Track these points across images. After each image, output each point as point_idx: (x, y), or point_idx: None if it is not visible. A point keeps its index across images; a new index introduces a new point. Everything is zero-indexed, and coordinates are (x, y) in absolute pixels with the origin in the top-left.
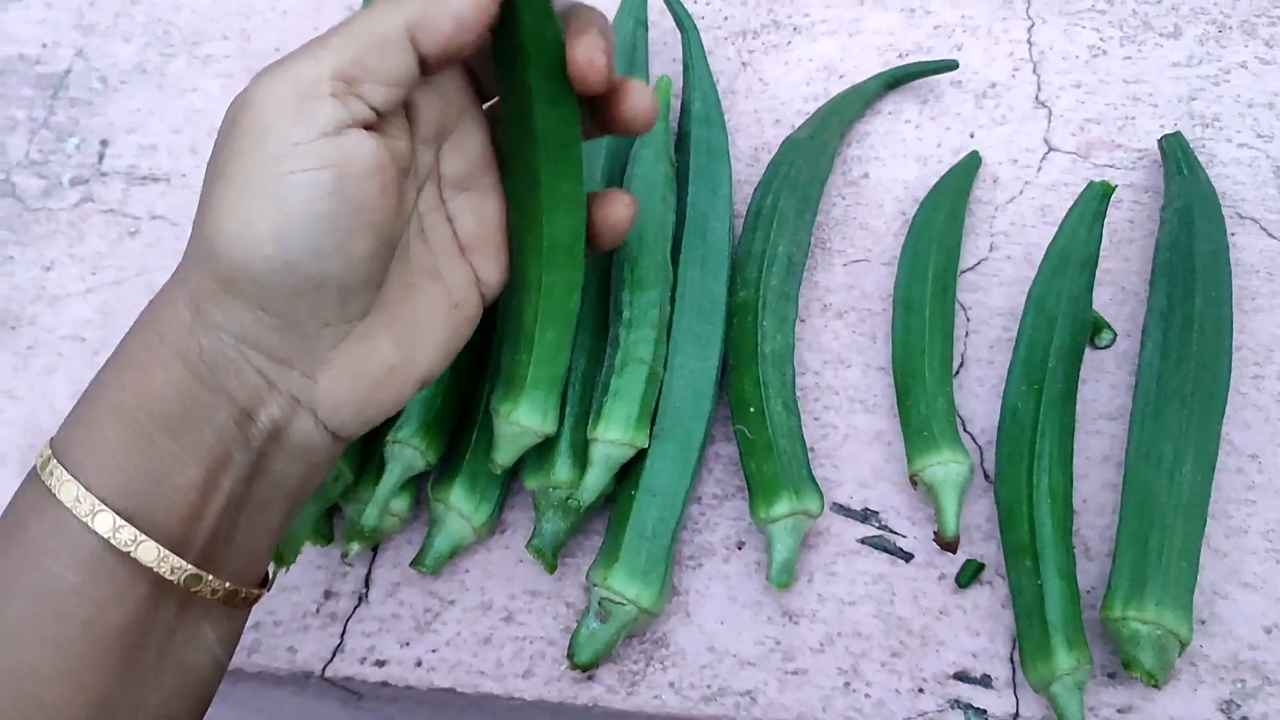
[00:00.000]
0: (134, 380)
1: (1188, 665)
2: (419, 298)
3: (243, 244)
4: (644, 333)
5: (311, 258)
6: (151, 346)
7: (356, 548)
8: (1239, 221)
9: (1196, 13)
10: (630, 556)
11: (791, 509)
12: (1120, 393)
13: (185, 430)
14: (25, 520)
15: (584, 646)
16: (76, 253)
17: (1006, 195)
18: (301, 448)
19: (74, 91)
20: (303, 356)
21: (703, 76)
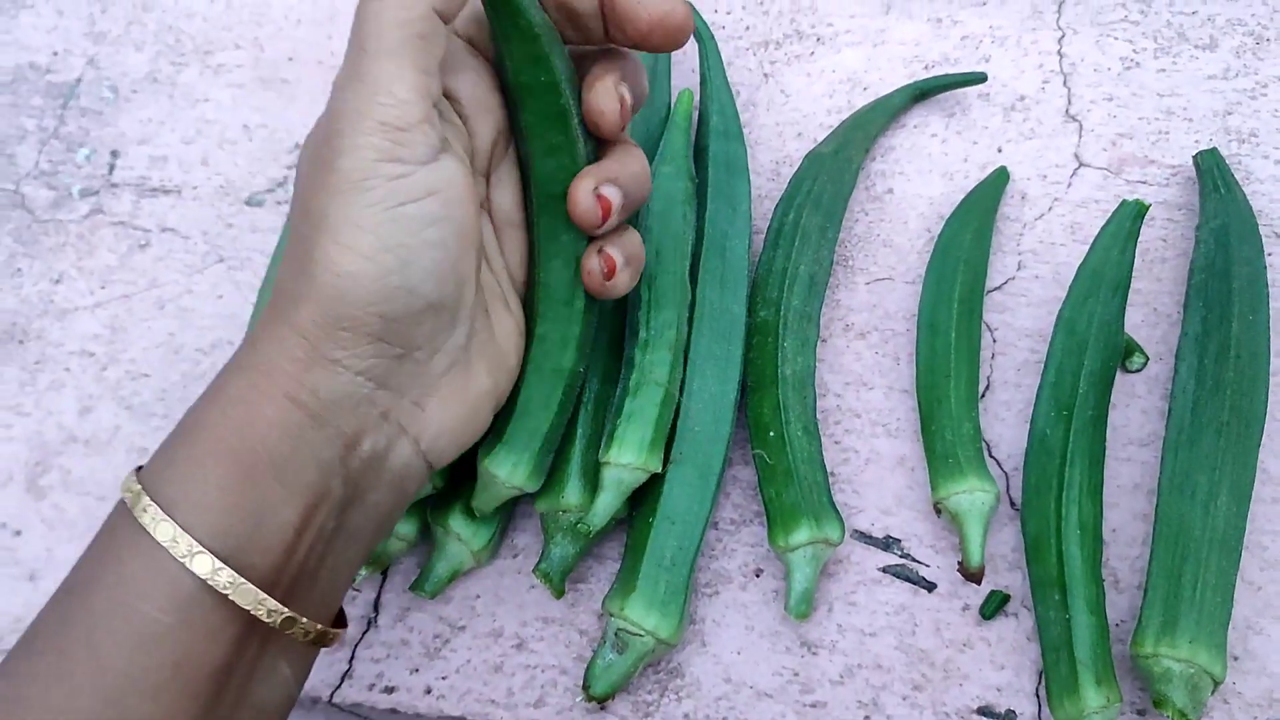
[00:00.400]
0: (238, 419)
1: (1220, 703)
2: (496, 324)
3: (367, 279)
4: (660, 354)
5: (432, 282)
6: (258, 385)
7: (364, 572)
8: (1277, 241)
9: (1233, 24)
10: (648, 586)
11: (811, 537)
12: (1152, 418)
13: (289, 468)
14: (119, 557)
15: (600, 678)
16: (86, 265)
17: (1035, 212)
18: (398, 476)
19: (85, 101)
20: (415, 384)
21: (720, 89)
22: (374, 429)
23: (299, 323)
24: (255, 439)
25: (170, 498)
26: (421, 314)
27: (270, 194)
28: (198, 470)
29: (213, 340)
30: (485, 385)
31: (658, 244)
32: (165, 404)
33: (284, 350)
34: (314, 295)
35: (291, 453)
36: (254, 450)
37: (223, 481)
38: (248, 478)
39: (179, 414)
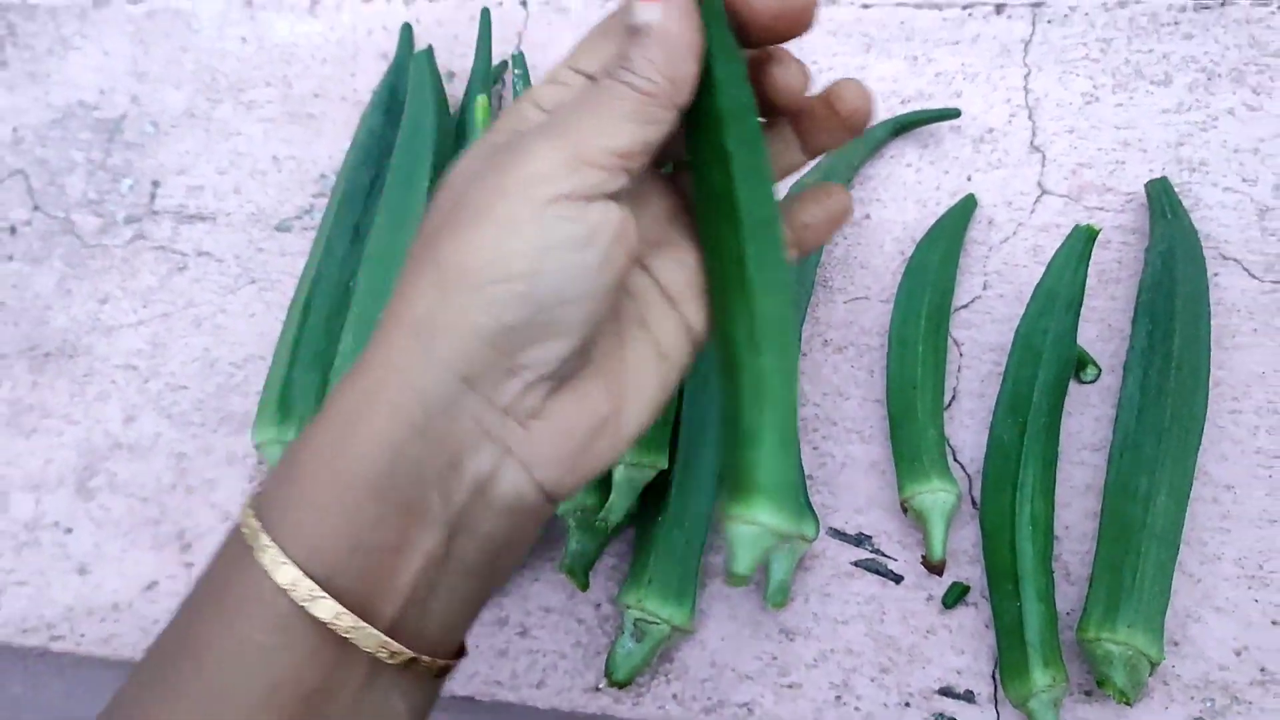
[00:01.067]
0: (339, 435)
1: (1160, 684)
2: (628, 349)
3: (494, 274)
4: None
5: (556, 302)
6: (366, 396)
7: None
8: (1222, 262)
9: (1187, 61)
10: (663, 579)
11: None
12: (1104, 425)
13: (387, 486)
14: (228, 577)
15: (621, 665)
16: (129, 287)
17: (1000, 236)
18: (509, 503)
19: (128, 135)
20: (519, 403)
21: None
22: (475, 446)
23: (413, 316)
24: (356, 456)
25: (276, 519)
26: (536, 330)
27: (298, 220)
28: (300, 492)
29: (245, 355)
30: (603, 410)
31: None
32: (202, 413)
33: (392, 351)
34: (435, 284)
35: (389, 468)
36: (355, 469)
37: (324, 504)
38: (348, 499)
39: (214, 422)
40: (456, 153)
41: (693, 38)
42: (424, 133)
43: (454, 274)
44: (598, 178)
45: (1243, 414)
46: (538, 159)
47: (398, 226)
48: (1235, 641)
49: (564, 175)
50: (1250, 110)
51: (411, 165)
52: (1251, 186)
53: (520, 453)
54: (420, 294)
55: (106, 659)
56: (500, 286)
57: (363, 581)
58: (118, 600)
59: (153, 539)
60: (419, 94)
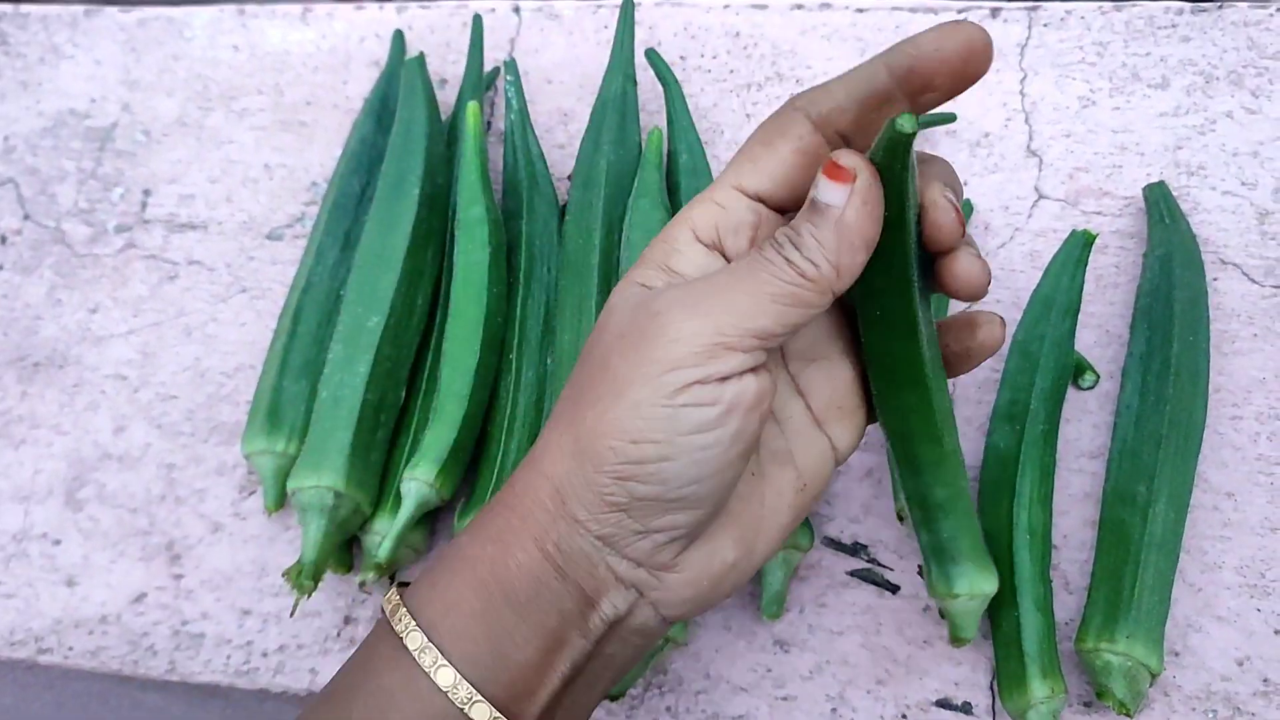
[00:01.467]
0: (492, 556)
1: (1161, 695)
2: (765, 490)
3: (625, 458)
4: None
5: (688, 484)
6: (513, 527)
7: (373, 577)
8: (1221, 266)
9: (1184, 64)
10: None
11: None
12: (1102, 432)
13: (532, 611)
14: (378, 667)
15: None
16: (120, 296)
17: (997, 241)
18: (637, 632)
19: (120, 144)
20: (653, 558)
21: (687, 129)
22: (612, 591)
23: (554, 474)
24: (504, 577)
25: (429, 619)
26: (668, 506)
27: (289, 229)
28: (454, 597)
29: (236, 364)
30: (732, 557)
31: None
32: (192, 423)
33: (537, 498)
34: (573, 452)
35: (534, 596)
36: (503, 588)
37: (475, 611)
38: (496, 611)
39: (205, 432)
40: (448, 160)
41: (871, 232)
42: (415, 140)
43: (589, 448)
44: (736, 361)
45: (1243, 420)
46: (678, 343)
47: (387, 232)
48: (1237, 651)
49: (701, 361)
50: (1249, 113)
51: (401, 173)
52: (1251, 190)
53: (652, 596)
54: (560, 457)
55: (94, 672)
56: (631, 468)
57: (508, 690)
58: (106, 613)
59: (141, 550)
60: (410, 101)
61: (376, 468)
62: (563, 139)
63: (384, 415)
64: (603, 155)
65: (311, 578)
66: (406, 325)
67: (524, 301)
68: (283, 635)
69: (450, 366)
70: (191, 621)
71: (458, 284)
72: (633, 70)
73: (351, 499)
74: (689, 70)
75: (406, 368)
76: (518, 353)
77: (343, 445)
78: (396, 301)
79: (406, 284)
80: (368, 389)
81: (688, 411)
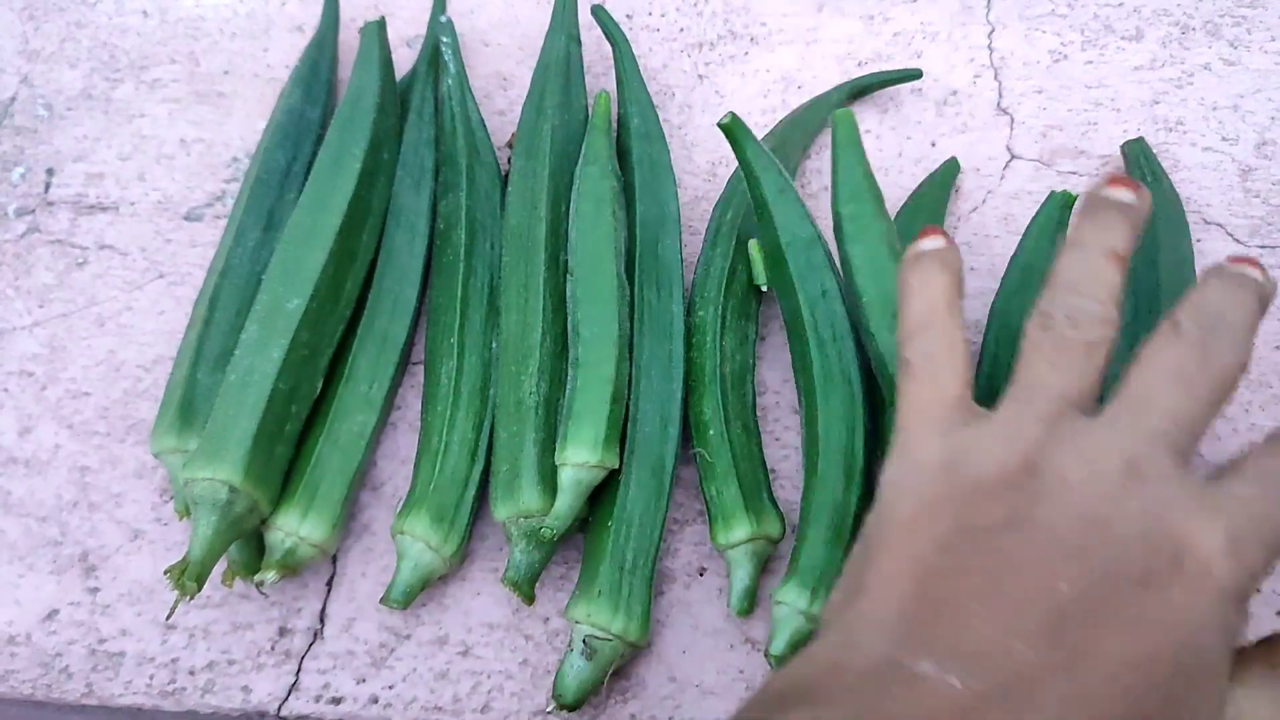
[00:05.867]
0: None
1: None
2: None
3: None
4: (605, 350)
5: None
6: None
7: (274, 577)
8: (1205, 227)
9: (1159, 14)
10: (612, 590)
11: (751, 534)
12: None
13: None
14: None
15: (570, 686)
16: (23, 285)
17: (969, 205)
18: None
19: (19, 119)
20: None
21: (638, 91)
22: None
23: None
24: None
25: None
26: None
27: (208, 208)
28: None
29: (154, 356)
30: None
31: (595, 243)
32: (107, 422)
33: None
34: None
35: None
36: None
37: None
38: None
39: (121, 431)
40: (399, 133)
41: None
42: (363, 111)
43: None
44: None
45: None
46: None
47: (319, 209)
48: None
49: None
50: (1227, 65)
51: (344, 144)
52: (1232, 146)
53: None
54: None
55: (3, 698)
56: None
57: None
58: (14, 633)
59: (53, 563)
60: (364, 67)
61: (281, 463)
62: (502, 105)
63: (296, 407)
64: (546, 121)
65: (195, 578)
66: (330, 311)
67: (466, 281)
68: (211, 651)
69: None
70: (110, 639)
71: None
72: (577, 31)
73: (249, 496)
74: (636, 29)
75: (327, 357)
76: (459, 335)
77: (244, 436)
78: (322, 284)
79: (334, 266)
80: (279, 377)
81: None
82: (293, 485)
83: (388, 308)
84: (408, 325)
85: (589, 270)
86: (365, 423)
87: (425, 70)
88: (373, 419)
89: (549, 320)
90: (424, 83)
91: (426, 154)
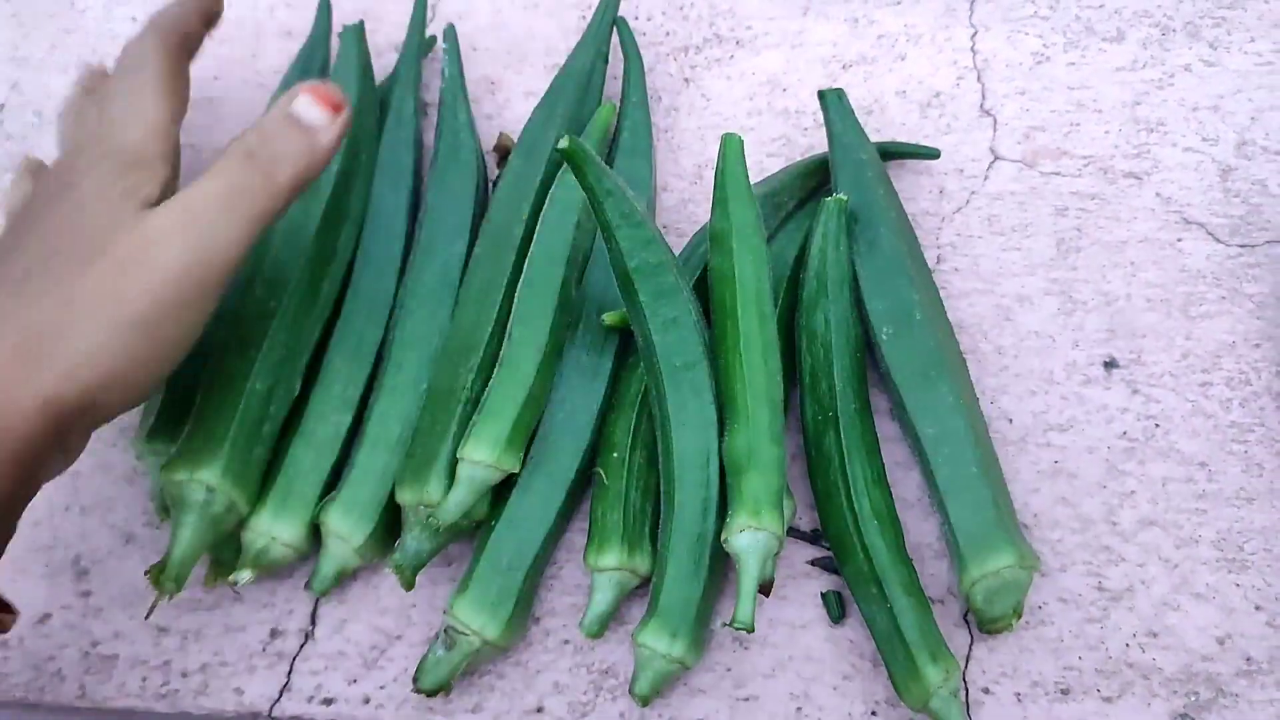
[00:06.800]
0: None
1: (1140, 679)
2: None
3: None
4: (527, 353)
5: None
6: None
7: (249, 576)
8: (1185, 226)
9: (1140, 16)
10: (480, 587)
11: (619, 564)
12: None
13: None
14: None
15: (429, 672)
16: None
17: (953, 206)
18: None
19: (9, 127)
20: None
21: (636, 106)
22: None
23: None
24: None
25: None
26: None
27: None
28: None
29: None
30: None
31: (546, 248)
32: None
33: None
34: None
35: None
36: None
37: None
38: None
39: (112, 435)
40: (377, 137)
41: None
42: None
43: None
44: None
45: (1213, 386)
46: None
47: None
48: (1217, 630)
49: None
50: (1208, 65)
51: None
52: (1212, 146)
53: None
54: None
55: None
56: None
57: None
58: (7, 636)
59: (45, 567)
60: (344, 73)
61: (260, 463)
62: (490, 109)
63: (274, 407)
64: (554, 128)
65: (175, 578)
66: (308, 312)
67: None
68: (204, 653)
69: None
70: (102, 642)
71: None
72: (607, 49)
73: (227, 496)
74: None
75: (305, 358)
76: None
77: (222, 437)
78: (299, 285)
79: (310, 268)
80: (257, 377)
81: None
82: (266, 486)
83: (364, 308)
84: (383, 326)
85: (536, 273)
86: (340, 424)
87: (405, 72)
88: (347, 420)
89: (502, 320)
90: (404, 85)
91: (405, 155)
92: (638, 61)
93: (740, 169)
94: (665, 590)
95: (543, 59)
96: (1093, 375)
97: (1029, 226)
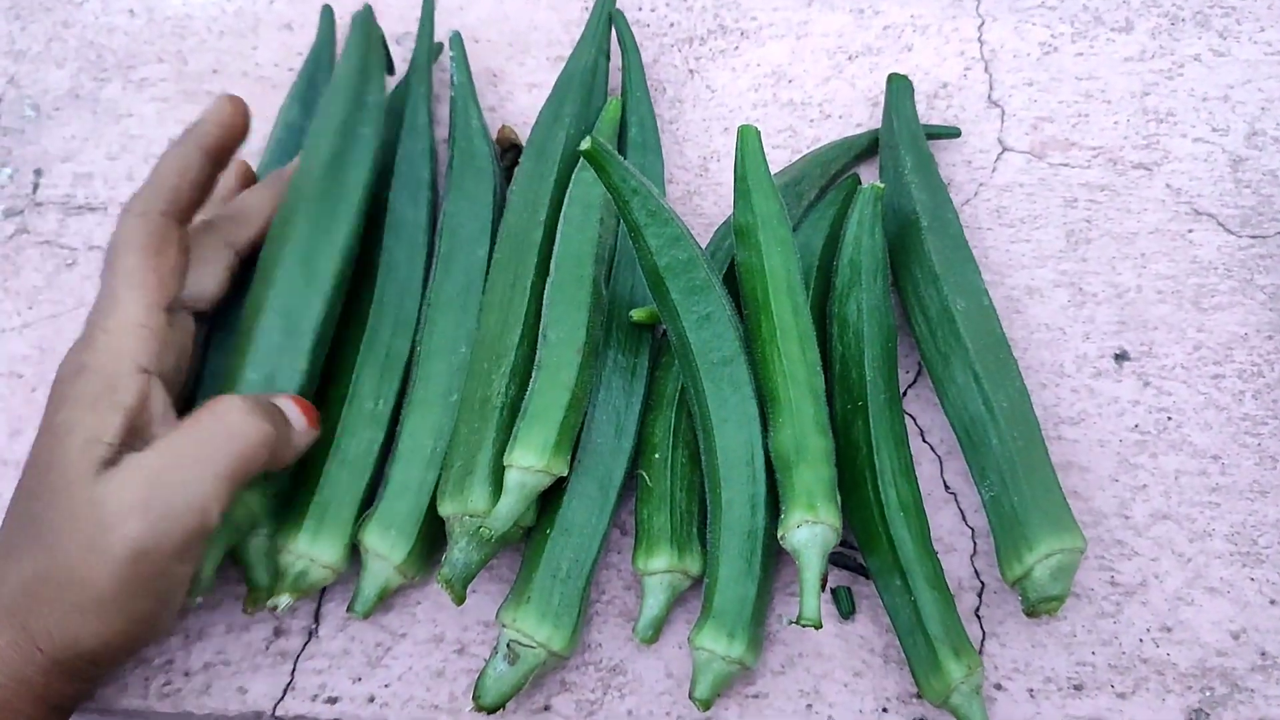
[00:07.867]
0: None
1: (1155, 674)
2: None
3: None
4: (568, 355)
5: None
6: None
7: (287, 600)
8: (1195, 218)
9: (1148, 5)
10: (542, 597)
11: (669, 566)
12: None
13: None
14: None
15: (490, 689)
16: (12, 286)
17: (962, 198)
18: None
19: (6, 120)
20: None
21: (640, 101)
22: None
23: None
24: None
25: None
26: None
27: None
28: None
29: None
30: None
31: (572, 248)
32: None
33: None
34: None
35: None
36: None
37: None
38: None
39: None
40: (393, 144)
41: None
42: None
43: None
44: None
45: (1225, 379)
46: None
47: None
48: (1232, 624)
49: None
50: (1217, 55)
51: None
52: (1222, 136)
53: None
54: None
55: None
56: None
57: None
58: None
59: None
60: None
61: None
62: (493, 101)
63: None
64: (562, 127)
65: (204, 589)
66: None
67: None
68: (207, 653)
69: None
70: None
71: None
72: (608, 45)
73: (244, 502)
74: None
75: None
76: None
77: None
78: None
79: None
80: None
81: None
82: (302, 507)
83: (390, 322)
84: (411, 339)
85: (565, 274)
86: (373, 440)
87: (416, 83)
88: (380, 436)
89: (530, 324)
90: (416, 96)
91: (422, 166)
92: (636, 55)
93: (760, 160)
94: (719, 590)
95: (544, 51)
96: (1104, 368)
97: (1038, 218)
